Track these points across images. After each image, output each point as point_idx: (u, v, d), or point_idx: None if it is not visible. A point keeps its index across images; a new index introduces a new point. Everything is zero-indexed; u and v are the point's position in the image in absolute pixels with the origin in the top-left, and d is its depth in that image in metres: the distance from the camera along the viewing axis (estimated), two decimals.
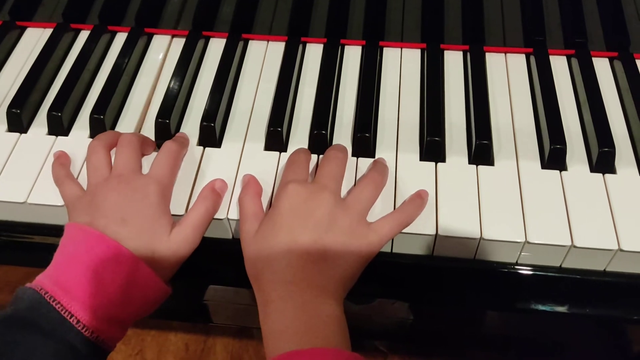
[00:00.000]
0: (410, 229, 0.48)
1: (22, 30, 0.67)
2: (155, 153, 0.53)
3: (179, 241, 0.47)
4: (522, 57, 0.62)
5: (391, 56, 0.62)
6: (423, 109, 0.57)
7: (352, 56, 0.62)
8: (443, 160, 0.53)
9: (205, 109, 0.56)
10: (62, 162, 0.53)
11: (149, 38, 0.65)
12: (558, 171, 0.51)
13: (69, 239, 0.46)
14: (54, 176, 0.52)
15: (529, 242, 0.47)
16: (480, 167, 0.52)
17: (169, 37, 0.65)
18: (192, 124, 0.57)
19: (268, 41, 0.64)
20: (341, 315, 0.44)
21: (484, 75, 0.59)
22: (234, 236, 0.51)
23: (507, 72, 0.60)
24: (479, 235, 0.47)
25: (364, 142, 0.53)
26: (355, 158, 0.53)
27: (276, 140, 0.54)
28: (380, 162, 0.52)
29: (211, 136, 0.55)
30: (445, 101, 0.58)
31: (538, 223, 0.48)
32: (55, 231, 0.50)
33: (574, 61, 0.60)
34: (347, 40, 0.63)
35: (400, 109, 0.57)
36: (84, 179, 0.52)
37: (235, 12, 0.64)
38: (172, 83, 0.59)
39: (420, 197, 0.49)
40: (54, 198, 0.51)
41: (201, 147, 0.55)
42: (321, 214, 0.45)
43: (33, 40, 0.66)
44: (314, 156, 0.53)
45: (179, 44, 0.64)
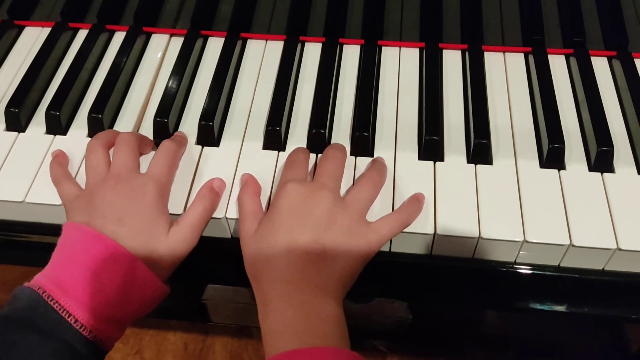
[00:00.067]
0: (409, 228, 0.48)
1: (21, 29, 0.67)
2: (153, 152, 0.53)
3: (177, 240, 0.47)
4: (521, 56, 0.62)
5: (390, 55, 0.62)
6: (421, 108, 0.57)
7: (351, 55, 0.62)
8: (441, 159, 0.53)
9: (204, 108, 0.56)
10: (60, 161, 0.53)
11: (148, 37, 0.65)
12: (556, 170, 0.51)
13: (66, 239, 0.46)
14: (52, 175, 0.52)
15: (528, 241, 0.47)
16: (479, 166, 0.52)
17: (167, 36, 0.65)
18: (190, 123, 0.57)
19: (266, 40, 0.64)
20: (341, 315, 0.44)
21: (483, 75, 0.59)
22: (232, 235, 0.51)
23: (505, 71, 0.60)
24: (477, 235, 0.47)
25: (363, 141, 0.53)
26: (353, 157, 0.53)
27: (275, 140, 0.54)
28: (378, 161, 0.52)
29: (209, 135, 0.55)
30: (443, 100, 0.58)
31: (536, 222, 0.48)
32: (53, 230, 0.50)
33: (573, 60, 0.60)
34: (346, 39, 0.63)
35: (399, 108, 0.57)
36: (82, 178, 0.52)
37: (233, 11, 0.64)
38: (170, 82, 0.59)
39: (417, 200, 0.49)
40: (52, 197, 0.51)
41: (199, 146, 0.55)
42: (320, 213, 0.45)
43: (31, 39, 0.66)
44: (312, 155, 0.53)
45: (178, 43, 0.63)
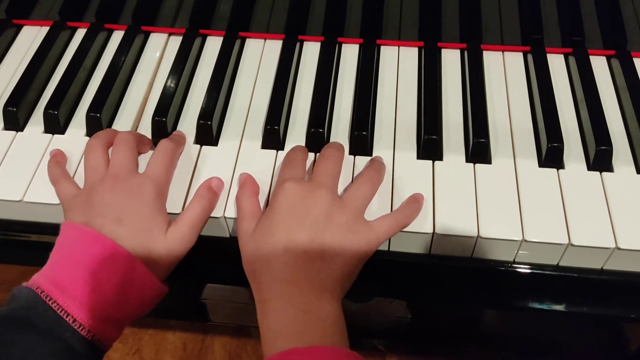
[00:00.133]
0: (408, 227, 0.48)
1: (19, 28, 0.67)
2: (152, 151, 0.53)
3: (175, 240, 0.47)
4: (520, 55, 0.61)
5: (388, 54, 0.62)
6: (420, 107, 0.57)
7: (350, 54, 0.62)
8: (440, 158, 0.53)
9: (202, 107, 0.56)
10: (58, 160, 0.53)
11: (146, 36, 0.65)
12: (555, 169, 0.51)
13: (65, 239, 0.46)
14: (50, 175, 0.52)
15: (527, 241, 0.47)
16: (478, 165, 0.52)
17: (165, 35, 0.65)
18: (189, 122, 0.57)
19: (265, 39, 0.64)
20: (339, 314, 0.44)
21: (482, 74, 0.59)
22: (231, 235, 0.51)
23: (504, 70, 0.60)
24: (476, 234, 0.47)
25: (361, 140, 0.53)
26: (352, 156, 0.53)
27: (273, 139, 0.54)
28: (376, 160, 0.52)
29: (208, 134, 0.55)
30: (442, 99, 0.58)
31: (535, 221, 0.48)
32: (52, 229, 0.50)
33: (572, 60, 0.60)
34: (345, 38, 0.63)
35: (398, 107, 0.57)
36: (80, 177, 0.52)
37: (232, 10, 0.64)
38: (169, 81, 0.59)
39: (417, 200, 0.49)
40: (50, 196, 0.51)
41: (198, 146, 0.55)
42: (318, 212, 0.45)
43: (30, 39, 0.66)
44: (311, 154, 0.53)
45: (176, 42, 0.63)
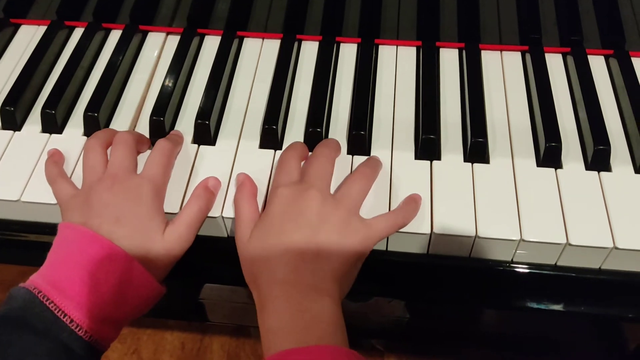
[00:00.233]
0: (405, 228, 0.48)
1: (16, 27, 0.67)
2: (149, 151, 0.53)
3: (173, 240, 0.47)
4: (518, 54, 0.61)
5: (387, 54, 0.62)
6: (418, 106, 0.57)
7: (348, 54, 0.62)
8: (438, 158, 0.53)
9: (200, 107, 0.56)
10: (56, 160, 0.53)
11: (144, 35, 0.65)
12: (553, 169, 0.51)
13: (62, 239, 0.46)
14: (47, 175, 0.52)
15: (524, 240, 0.47)
16: (476, 165, 0.52)
17: (163, 35, 0.65)
18: (186, 122, 0.57)
19: (263, 39, 0.64)
20: (338, 313, 0.44)
21: (480, 73, 0.59)
22: (229, 234, 0.51)
23: (502, 69, 0.60)
24: (474, 233, 0.47)
25: (359, 140, 0.53)
26: (350, 156, 0.53)
27: (271, 138, 0.54)
28: (371, 157, 0.52)
29: (206, 134, 0.54)
30: (440, 99, 0.57)
31: (533, 221, 0.48)
32: (50, 229, 0.50)
33: (570, 59, 0.60)
34: (343, 37, 0.63)
35: (396, 106, 0.57)
36: (77, 177, 0.52)
37: (230, 10, 0.64)
38: (166, 80, 0.59)
39: (414, 201, 0.49)
40: (48, 196, 0.51)
41: (196, 145, 0.55)
42: (310, 213, 0.46)
43: (27, 38, 0.66)
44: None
45: (174, 41, 0.63)
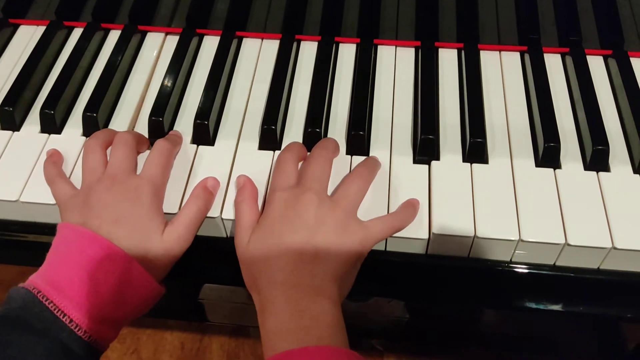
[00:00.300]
0: (404, 233, 0.48)
1: (15, 27, 0.67)
2: (149, 151, 0.53)
3: (172, 240, 0.47)
4: (517, 55, 0.61)
5: (385, 54, 0.62)
6: (417, 107, 0.57)
7: (347, 54, 0.62)
8: (437, 158, 0.53)
9: (199, 107, 0.56)
10: (54, 160, 0.53)
11: (143, 35, 0.65)
12: (552, 169, 0.51)
13: (61, 239, 0.46)
14: (46, 175, 0.52)
15: (523, 240, 0.47)
16: (475, 165, 0.52)
17: (162, 35, 0.65)
18: (185, 122, 0.57)
19: (262, 39, 0.64)
20: (338, 314, 0.44)
21: (479, 73, 0.59)
22: (228, 235, 0.51)
23: (501, 70, 0.60)
24: (473, 234, 0.47)
25: (358, 140, 0.53)
26: (349, 156, 0.53)
27: (270, 139, 0.54)
28: (369, 158, 0.52)
29: (205, 134, 0.54)
30: (439, 99, 0.57)
31: (532, 221, 0.48)
32: (49, 229, 0.50)
33: (569, 59, 0.60)
34: (342, 38, 0.63)
35: (395, 107, 0.57)
36: (76, 177, 0.52)
37: (229, 10, 0.64)
38: (165, 81, 0.59)
39: (412, 205, 0.49)
40: (47, 197, 0.51)
41: (195, 145, 0.54)
42: (308, 215, 0.46)
43: (26, 38, 0.65)
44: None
45: (173, 41, 0.63)
